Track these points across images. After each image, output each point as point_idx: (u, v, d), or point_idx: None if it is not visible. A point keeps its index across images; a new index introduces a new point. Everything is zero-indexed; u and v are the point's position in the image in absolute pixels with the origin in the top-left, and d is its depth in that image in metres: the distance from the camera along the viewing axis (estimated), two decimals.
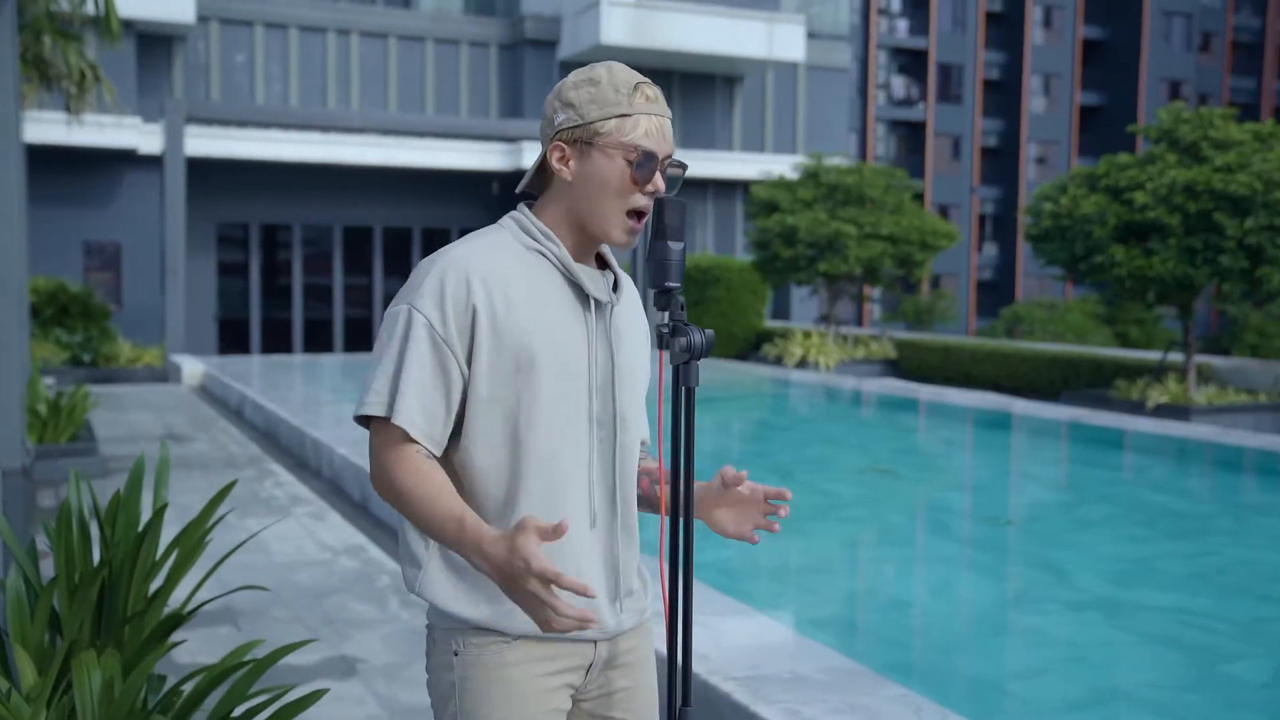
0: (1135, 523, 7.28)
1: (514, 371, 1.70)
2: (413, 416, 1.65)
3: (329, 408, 10.92)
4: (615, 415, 1.79)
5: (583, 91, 1.72)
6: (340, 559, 5.99)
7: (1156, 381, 12.59)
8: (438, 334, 1.66)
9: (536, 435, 1.71)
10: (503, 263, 1.72)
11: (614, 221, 1.73)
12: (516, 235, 1.78)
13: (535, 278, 1.74)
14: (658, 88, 1.77)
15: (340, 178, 22.27)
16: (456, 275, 1.68)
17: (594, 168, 1.72)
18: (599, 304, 1.78)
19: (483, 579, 1.68)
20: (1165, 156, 12.22)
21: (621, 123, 1.70)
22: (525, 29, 22.81)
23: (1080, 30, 50.76)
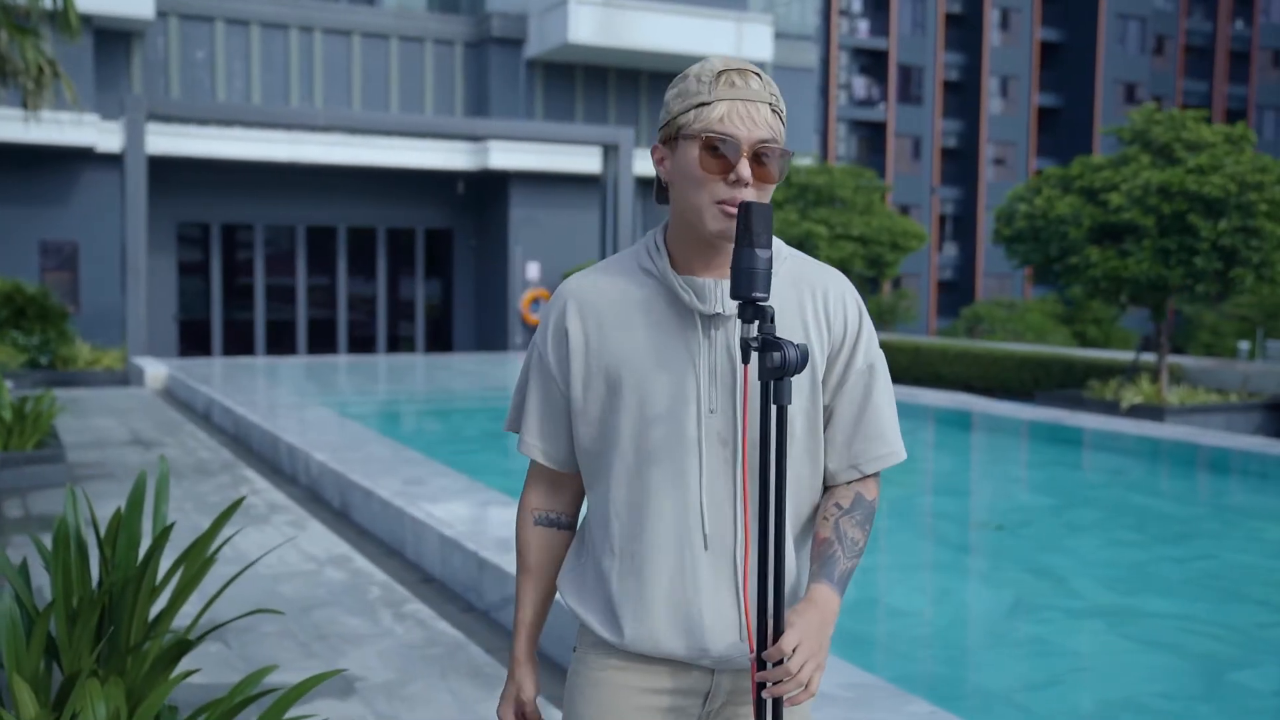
0: (1125, 526, 7.26)
1: (605, 395, 1.70)
2: (530, 441, 1.80)
3: (300, 411, 10.71)
4: (737, 431, 1.68)
5: (673, 90, 1.69)
6: (326, 569, 5.82)
7: (1130, 382, 12.65)
8: (546, 361, 1.77)
9: (624, 456, 1.70)
10: (607, 284, 1.74)
11: (706, 213, 1.64)
12: (637, 255, 1.77)
13: (634, 296, 1.72)
14: (755, 74, 1.66)
15: (303, 177, 21.96)
16: (560, 301, 1.77)
17: (679, 161, 1.66)
18: (708, 317, 1.69)
19: (601, 585, 1.74)
20: (1139, 158, 12.28)
21: (700, 110, 1.63)
22: (491, 27, 22.60)
23: (1037, 33, 51.23)
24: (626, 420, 1.68)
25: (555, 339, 1.75)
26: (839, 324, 1.75)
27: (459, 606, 5.30)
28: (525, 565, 1.83)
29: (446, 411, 12.39)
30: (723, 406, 1.67)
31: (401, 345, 23.51)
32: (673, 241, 1.72)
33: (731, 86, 1.62)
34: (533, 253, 22.46)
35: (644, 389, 1.68)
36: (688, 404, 1.67)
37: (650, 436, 1.68)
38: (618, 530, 1.71)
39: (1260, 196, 11.33)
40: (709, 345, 1.68)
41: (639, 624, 1.70)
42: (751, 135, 1.61)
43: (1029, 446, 10.55)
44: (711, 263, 1.70)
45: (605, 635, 1.72)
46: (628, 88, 23.66)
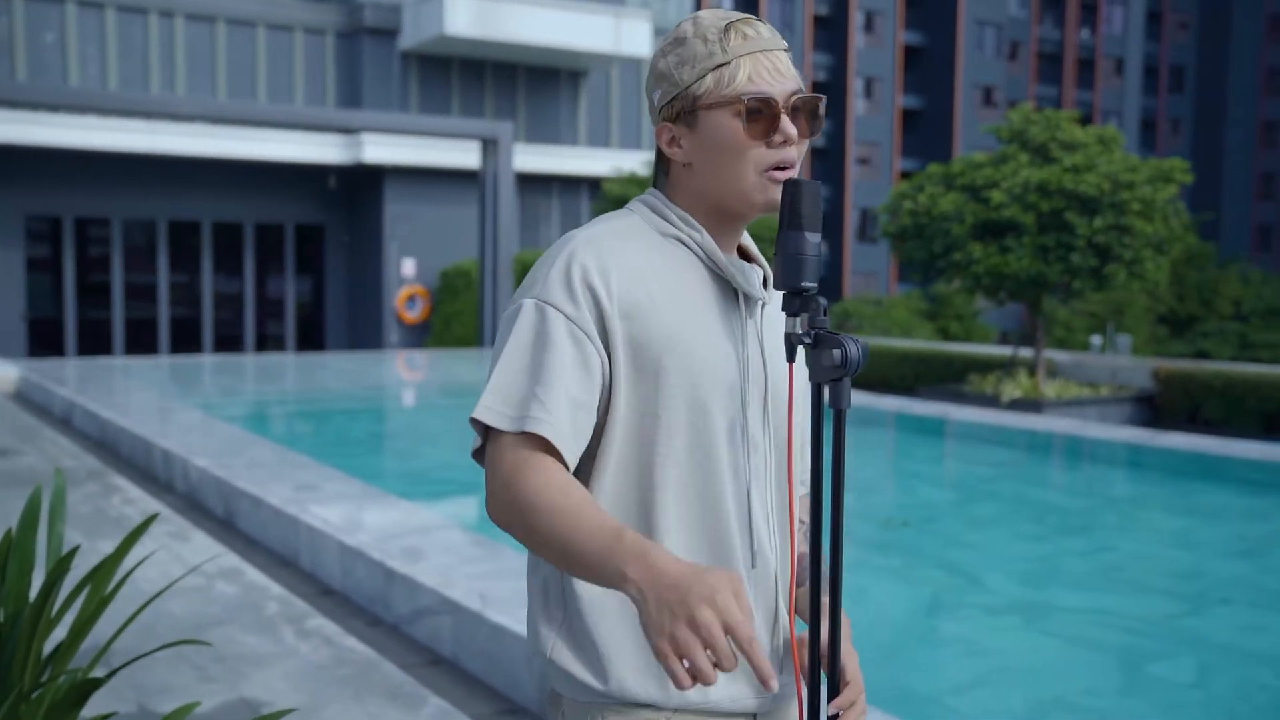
0: (1026, 519, 7.35)
1: (653, 383, 1.40)
2: (560, 426, 1.33)
3: (172, 414, 10.14)
4: (770, 435, 1.48)
5: (670, 57, 1.45)
6: (217, 584, 5.44)
7: (1008, 376, 12.93)
8: (575, 326, 1.37)
9: (677, 460, 1.42)
10: (639, 251, 1.43)
11: (748, 184, 1.43)
12: (649, 220, 1.48)
13: (677, 270, 1.45)
14: (759, 22, 1.45)
15: (165, 169, 20.98)
16: (585, 264, 1.39)
17: (706, 137, 1.43)
18: (750, 301, 1.48)
19: (631, 645, 1.39)
20: (1018, 156, 12.55)
21: (720, 74, 1.41)
22: (364, 17, 21.97)
23: (900, 36, 52.52)
24: (673, 418, 1.41)
25: (591, 301, 1.37)
26: None
27: (365, 620, 5.01)
28: (579, 495, 1.28)
29: (329, 413, 11.93)
30: (754, 406, 1.47)
31: (270, 344, 22.69)
32: (697, 216, 1.49)
33: (745, 39, 1.42)
34: (408, 249, 21.92)
35: (702, 382, 1.42)
36: (734, 398, 1.44)
37: (703, 438, 1.42)
38: (665, 542, 1.42)
39: (1132, 195, 11.69)
40: (750, 334, 1.48)
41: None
42: (784, 88, 1.42)
43: (919, 441, 10.67)
44: (730, 245, 1.51)
45: (655, 698, 1.40)
46: (505, 82, 23.30)
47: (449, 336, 21.21)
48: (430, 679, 4.29)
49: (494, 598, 4.39)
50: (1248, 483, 8.44)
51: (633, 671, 1.40)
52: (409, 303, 21.75)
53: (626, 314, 1.39)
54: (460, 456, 9.94)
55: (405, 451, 9.94)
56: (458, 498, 8.02)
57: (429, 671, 4.38)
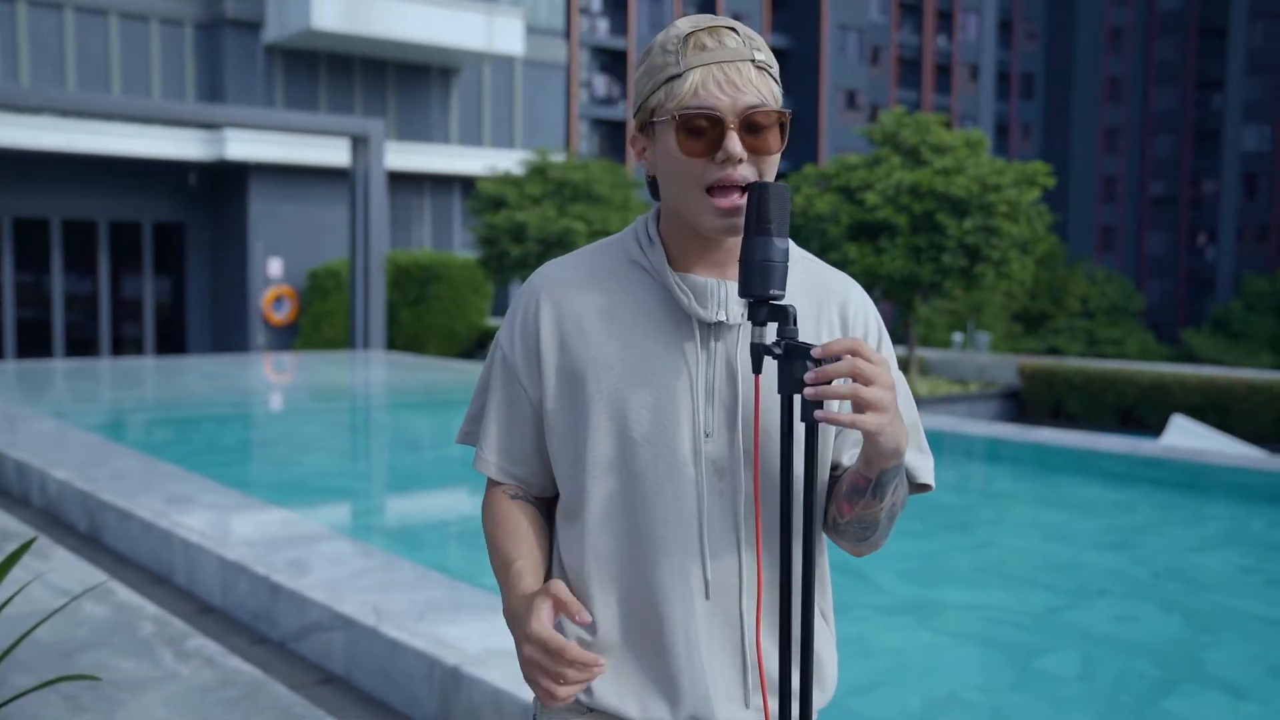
0: (908, 517, 7.45)
1: (585, 412, 1.41)
2: (487, 457, 1.53)
3: (24, 423, 9.59)
4: (737, 460, 1.41)
5: (641, 67, 1.42)
6: (85, 605, 5.14)
7: None
8: (512, 363, 1.50)
9: (603, 485, 1.42)
10: (589, 277, 1.44)
11: (695, 204, 1.37)
12: (624, 244, 1.47)
13: (630, 296, 1.41)
14: (730, 29, 1.38)
15: (8, 163, 19.92)
16: (532, 293, 1.50)
17: (660, 151, 1.39)
18: (707, 324, 1.41)
19: (619, 652, 1.47)
20: (890, 159, 12.83)
21: (671, 86, 1.35)
22: (225, 9, 21.24)
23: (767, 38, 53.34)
24: (603, 444, 1.41)
25: (524, 337, 1.48)
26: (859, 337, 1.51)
27: (249, 639, 4.79)
28: (504, 526, 1.51)
29: (196, 419, 11.46)
30: (720, 430, 1.40)
31: (127, 347, 21.76)
32: (668, 232, 1.45)
33: (703, 50, 1.35)
34: (275, 249, 21.27)
35: (625, 408, 1.40)
36: (680, 426, 1.39)
37: (634, 465, 1.40)
38: (597, 579, 1.44)
39: (999, 197, 12.06)
40: (707, 358, 1.41)
41: (621, 682, 1.43)
42: (737, 102, 1.34)
43: None
44: (713, 259, 1.44)
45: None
46: (375, 78, 22.81)
47: (318, 338, 20.67)
48: (323, 699, 4.12)
49: (389, 611, 4.24)
50: (1113, 475, 8.78)
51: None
52: (276, 304, 21.12)
53: (556, 341, 1.45)
54: (338, 462, 9.66)
55: (280, 458, 9.61)
56: (341, 505, 7.78)
57: (321, 691, 4.21)
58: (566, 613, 1.36)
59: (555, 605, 1.36)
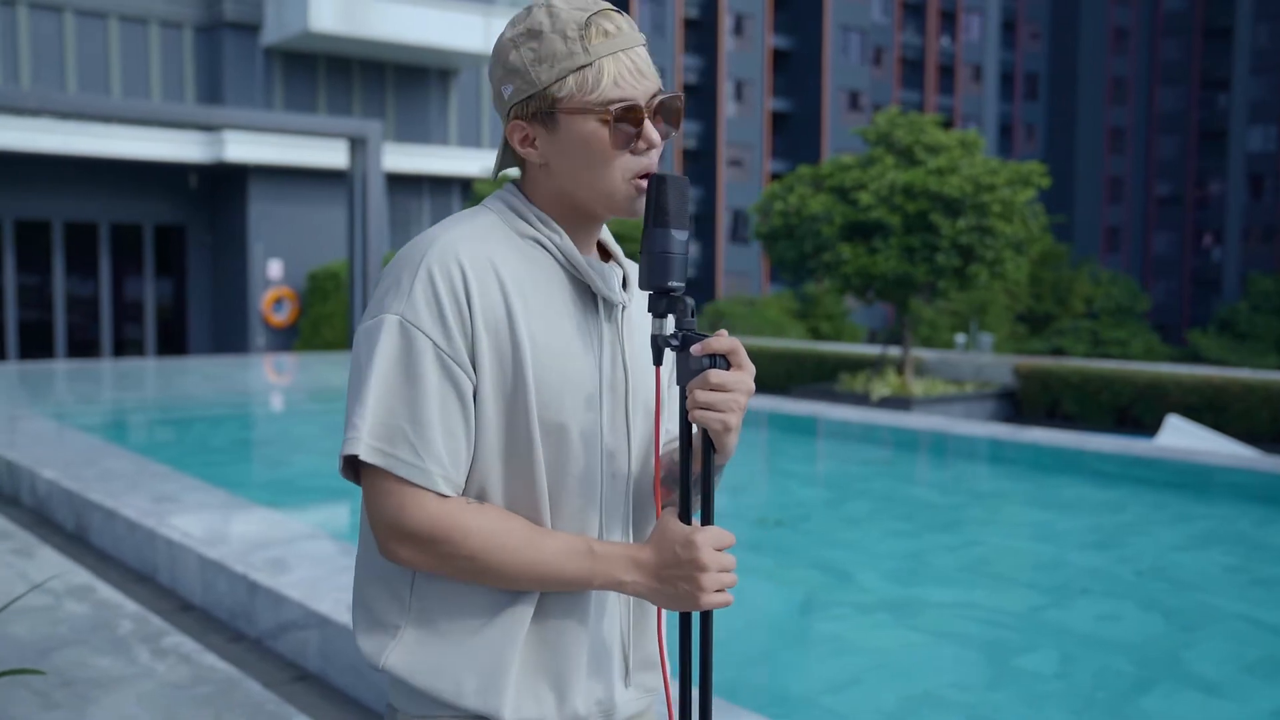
0: (896, 516, 7.47)
1: (512, 396, 1.34)
2: (446, 471, 1.31)
3: (18, 423, 9.62)
4: (629, 443, 1.42)
5: (524, 51, 1.34)
6: (65, 603, 5.16)
7: (878, 375, 13.19)
8: (444, 353, 1.31)
9: (537, 473, 1.36)
10: (500, 257, 1.35)
11: (614, 190, 1.36)
12: (507, 219, 1.40)
13: (535, 275, 1.37)
14: (616, 13, 1.37)
15: (10, 165, 19.98)
16: (450, 274, 1.31)
17: (566, 141, 1.35)
18: (610, 305, 1.41)
19: (478, 648, 1.35)
20: (884, 159, 12.82)
21: (583, 76, 1.32)
22: (224, 11, 21.28)
23: (769, 39, 53.33)
24: (536, 429, 1.34)
25: (458, 316, 1.30)
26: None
27: (226, 636, 4.81)
28: (517, 525, 1.33)
29: (191, 420, 11.49)
30: (610, 414, 1.40)
31: (129, 349, 21.80)
32: (548, 211, 1.41)
33: (607, 37, 1.33)
34: (275, 250, 21.31)
35: (561, 391, 1.35)
36: (592, 409, 1.38)
37: (560, 450, 1.36)
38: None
39: (993, 197, 12.05)
40: (609, 338, 1.41)
41: (523, 673, 1.39)
42: (646, 89, 1.35)
43: (791, 440, 10.79)
44: (589, 244, 1.44)
45: (493, 709, 1.35)
46: (373, 80, 22.84)
47: (318, 340, 20.70)
48: (295, 696, 4.13)
49: None
50: (1102, 475, 8.76)
51: (477, 677, 1.35)
52: (276, 305, 21.16)
53: (489, 328, 1.32)
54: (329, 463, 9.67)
55: (272, 459, 9.63)
56: (327, 505, 7.79)
57: (294, 688, 4.22)
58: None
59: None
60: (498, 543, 1.30)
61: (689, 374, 1.32)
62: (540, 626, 1.37)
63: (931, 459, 9.91)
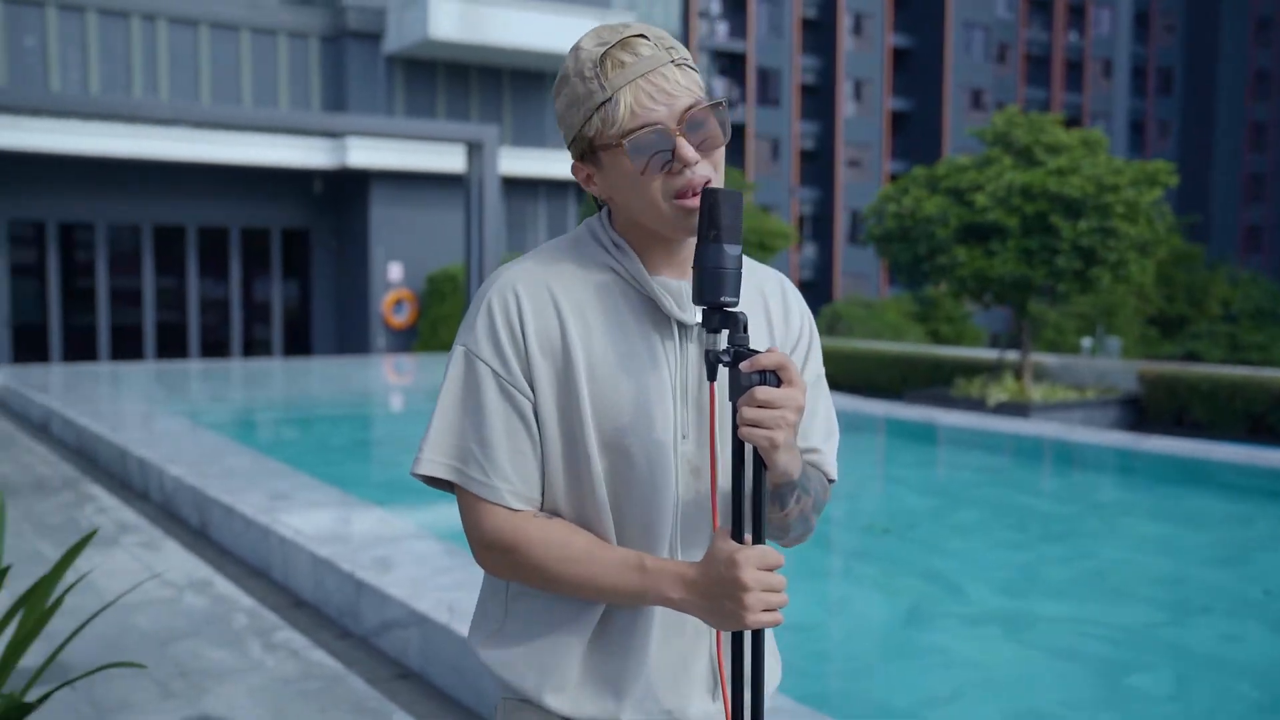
0: (1008, 526, 7.29)
1: (572, 413, 1.41)
2: (515, 486, 1.41)
3: (151, 421, 10.05)
4: (707, 459, 1.45)
5: (561, 99, 1.42)
6: (185, 596, 5.37)
7: (995, 380, 12.89)
8: (503, 379, 1.41)
9: (589, 487, 1.42)
10: (564, 285, 1.43)
11: (661, 213, 1.39)
12: (585, 246, 1.47)
13: (604, 299, 1.42)
14: (639, 39, 1.38)
15: (149, 173, 20.88)
16: (507, 305, 1.42)
17: (612, 176, 1.40)
18: (684, 325, 1.44)
19: (544, 648, 1.45)
20: (1001, 159, 12.52)
21: (604, 112, 1.36)
22: (348, 21, 21.88)
23: (889, 38, 52.55)
24: (594, 449, 1.41)
25: (512, 344, 1.40)
26: (796, 327, 1.55)
27: (334, 633, 4.94)
28: (579, 540, 1.40)
29: (310, 419, 11.84)
30: (695, 432, 1.44)
31: (257, 349, 22.58)
32: (630, 238, 1.46)
33: (623, 68, 1.36)
34: (395, 253, 21.83)
35: (613, 412, 1.40)
36: (663, 428, 1.41)
37: (625, 467, 1.41)
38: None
39: (1116, 198, 11.67)
40: (681, 360, 1.44)
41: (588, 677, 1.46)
42: (673, 108, 1.36)
43: (903, 445, 10.62)
44: (675, 259, 1.46)
45: (557, 705, 1.45)
46: (490, 85, 23.23)
47: (436, 341, 21.13)
48: (397, 693, 4.22)
49: (463, 609, 4.32)
50: (1230, 487, 8.40)
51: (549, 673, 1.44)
52: (396, 307, 21.66)
53: (545, 351, 1.40)
54: None
55: (386, 459, 9.86)
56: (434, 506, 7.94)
57: (396, 685, 4.31)
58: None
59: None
60: (558, 554, 1.38)
61: (739, 390, 1.31)
62: (604, 635, 1.44)
63: (1047, 467, 9.64)
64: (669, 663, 1.45)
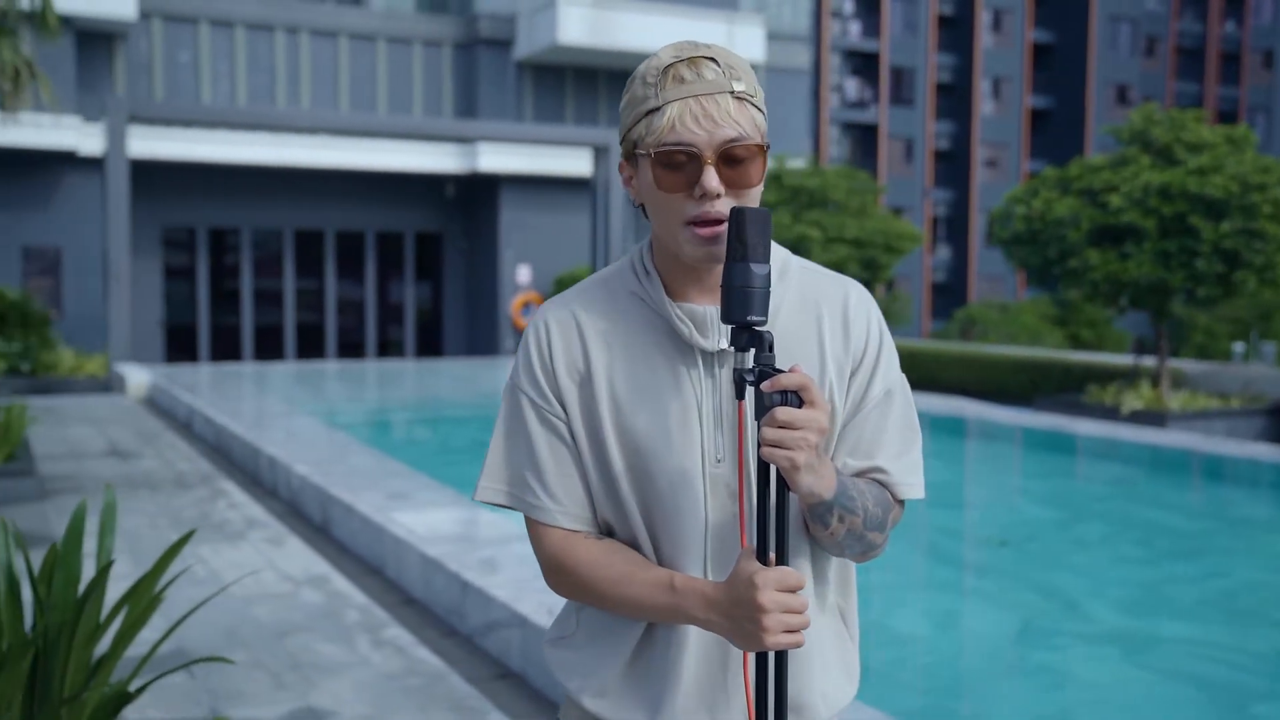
0: (1133, 541, 7.02)
1: (598, 443, 1.46)
2: (565, 508, 1.47)
3: (283, 420, 10.43)
4: (745, 477, 1.43)
5: (624, 96, 1.45)
6: (303, 591, 5.56)
7: (1130, 386, 12.42)
8: (542, 408, 1.48)
9: (618, 510, 1.47)
10: (591, 314, 1.47)
11: (676, 236, 1.40)
12: (623, 274, 1.51)
13: (632, 328, 1.45)
14: (710, 59, 1.38)
15: (290, 179, 21.67)
16: (540, 337, 1.50)
17: (644, 182, 1.42)
18: (709, 353, 1.44)
19: (589, 657, 1.52)
20: (1138, 159, 12.06)
21: (649, 120, 1.37)
22: (480, 28, 22.34)
23: (1029, 34, 51.12)
24: (620, 472, 1.45)
25: (545, 375, 1.47)
26: (859, 341, 1.51)
27: (440, 631, 5.04)
28: (619, 561, 1.43)
29: (435, 420, 12.12)
30: (730, 454, 1.44)
31: (391, 350, 23.23)
32: (662, 262, 1.47)
33: (680, 83, 1.36)
34: (523, 256, 22.20)
35: (638, 439, 1.43)
36: (690, 452, 1.43)
37: (650, 490, 1.44)
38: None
39: (1263, 197, 11.12)
40: (712, 384, 1.44)
41: (622, 695, 1.49)
42: (714, 136, 1.35)
43: (1029, 454, 10.31)
44: (708, 285, 1.46)
45: (606, 714, 1.51)
46: (618, 89, 23.41)
47: None
48: (495, 693, 4.28)
49: None
50: None
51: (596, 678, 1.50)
52: (524, 309, 22.02)
53: (573, 379, 1.46)
54: None
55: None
56: None
57: (496, 685, 4.38)
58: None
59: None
60: (600, 575, 1.44)
61: (762, 410, 1.30)
62: (645, 649, 1.47)
63: (1180, 479, 9.23)
64: (704, 684, 1.45)
